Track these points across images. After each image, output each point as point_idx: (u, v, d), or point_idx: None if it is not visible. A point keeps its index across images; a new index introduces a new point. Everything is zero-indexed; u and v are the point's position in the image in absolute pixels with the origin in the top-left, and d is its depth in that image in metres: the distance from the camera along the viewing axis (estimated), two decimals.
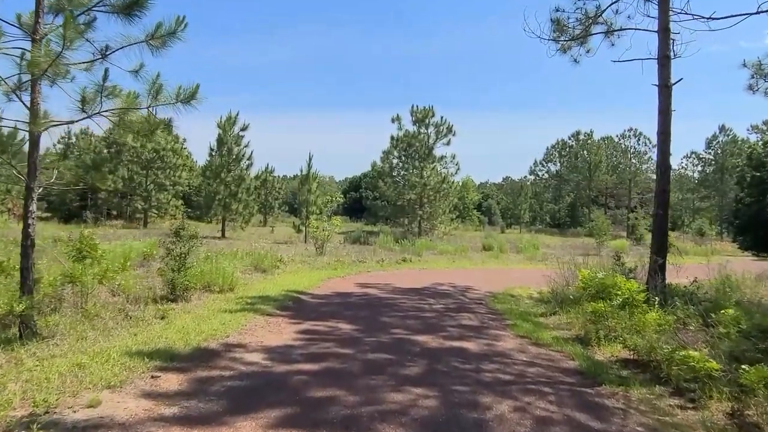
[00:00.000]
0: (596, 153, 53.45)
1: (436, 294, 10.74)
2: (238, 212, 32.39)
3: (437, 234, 34.58)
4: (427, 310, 8.80)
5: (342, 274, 13.52)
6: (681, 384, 4.99)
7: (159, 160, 39.49)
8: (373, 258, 17.75)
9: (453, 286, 12.19)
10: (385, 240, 25.99)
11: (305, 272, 13.36)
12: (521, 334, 7.19)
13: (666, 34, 9.62)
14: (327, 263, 15.53)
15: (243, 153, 32.79)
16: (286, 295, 9.42)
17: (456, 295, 10.80)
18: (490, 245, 27.46)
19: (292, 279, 11.76)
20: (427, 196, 34.96)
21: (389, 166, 37.52)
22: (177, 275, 7.81)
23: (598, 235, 30.53)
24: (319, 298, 9.57)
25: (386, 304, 9.20)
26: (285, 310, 8.09)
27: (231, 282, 9.33)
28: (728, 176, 56.52)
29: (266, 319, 7.28)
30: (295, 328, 6.85)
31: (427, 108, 36.47)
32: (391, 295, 10.31)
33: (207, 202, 32.60)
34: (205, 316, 7.12)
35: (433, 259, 19.78)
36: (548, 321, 8.40)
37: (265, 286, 10.26)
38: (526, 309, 9.47)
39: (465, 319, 8.14)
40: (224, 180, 31.75)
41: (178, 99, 5.62)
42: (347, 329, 6.95)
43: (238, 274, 11.07)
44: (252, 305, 8.11)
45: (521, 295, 11.13)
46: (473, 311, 8.91)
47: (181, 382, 4.35)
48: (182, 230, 8.08)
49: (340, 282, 12.01)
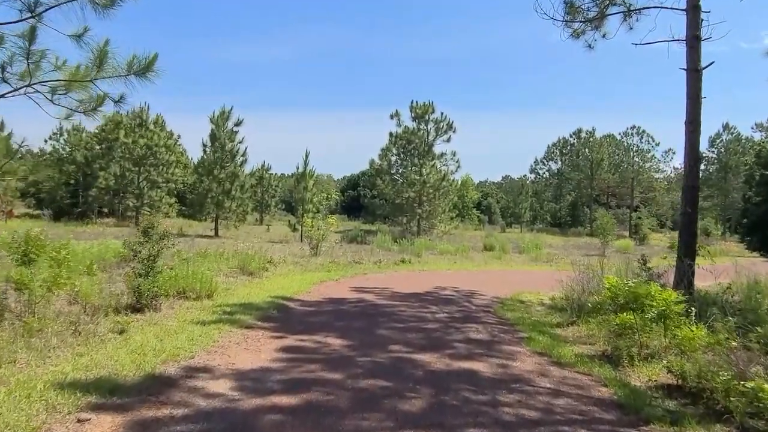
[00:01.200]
0: (598, 151, 52.45)
1: (439, 300, 9.76)
2: (232, 210, 31.41)
3: (436, 233, 33.62)
4: (429, 320, 7.82)
5: (336, 276, 12.53)
6: (746, 422, 4.02)
7: (152, 156, 38.38)
8: (371, 259, 16.77)
9: (456, 290, 11.21)
10: (383, 239, 25.00)
11: (296, 275, 12.37)
12: (539, 351, 6.21)
13: (696, 12, 8.65)
14: (321, 264, 14.55)
15: (237, 149, 31.78)
16: (272, 302, 8.43)
17: (460, 301, 9.82)
18: (491, 245, 26.50)
19: (281, 283, 10.77)
20: (426, 194, 33.97)
21: (388, 163, 36.51)
22: (144, 281, 6.82)
23: (602, 235, 29.54)
24: (309, 305, 8.58)
25: (383, 312, 8.22)
26: (268, 320, 7.09)
27: (210, 287, 8.33)
28: (731, 175, 55.66)
29: (244, 332, 6.29)
30: (276, 344, 5.86)
31: (427, 103, 35.48)
32: (389, 301, 9.33)
33: (199, 199, 31.58)
34: (173, 329, 6.12)
35: (433, 259, 18.81)
36: (566, 333, 7.43)
37: (249, 292, 9.27)
38: (540, 318, 8.50)
39: (473, 331, 7.16)
40: (217, 177, 30.74)
41: (130, 71, 4.61)
42: (337, 345, 5.97)
43: (220, 278, 10.09)
44: (230, 315, 7.12)
45: (531, 302, 10.16)
46: (481, 321, 7.93)
47: (115, 428, 3.36)
48: (151, 229, 7.09)
49: (333, 286, 11.02)
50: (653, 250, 33.06)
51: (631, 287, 6.10)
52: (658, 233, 46.43)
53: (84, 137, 42.75)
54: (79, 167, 40.90)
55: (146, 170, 38.52)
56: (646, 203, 53.91)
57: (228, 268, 11.41)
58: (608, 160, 53.51)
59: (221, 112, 31.47)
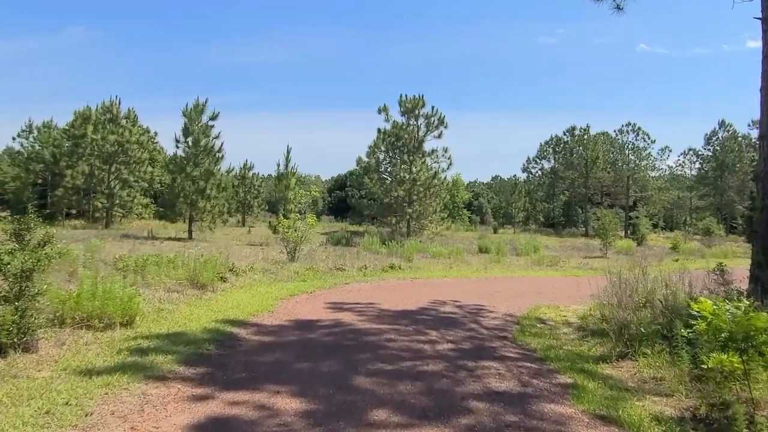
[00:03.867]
0: (593, 149, 50.70)
1: (439, 321, 7.61)
2: (207, 211, 28.97)
3: (427, 234, 31.55)
4: (428, 355, 5.67)
5: (311, 288, 10.33)
6: None
7: (123, 153, 35.85)
8: (355, 264, 14.60)
9: (458, 305, 9.08)
10: (370, 241, 22.86)
11: (262, 286, 10.16)
12: (598, 413, 4.08)
13: None
14: (296, 272, 12.33)
15: (212, 145, 29.39)
16: (215, 330, 6.22)
17: (466, 322, 7.68)
18: (486, 247, 24.49)
19: (239, 299, 8.55)
20: (416, 193, 31.87)
21: (376, 161, 34.36)
22: (7, 308, 4.58)
23: (604, 235, 27.62)
24: (266, 333, 6.38)
25: (366, 343, 6.05)
26: (196, 364, 4.88)
27: (130, 311, 6.10)
28: (728, 173, 54.33)
29: (147, 391, 4.08)
30: (189, 415, 3.66)
31: (417, 97, 33.40)
32: (375, 324, 7.16)
33: (171, 199, 29.15)
34: (31, 389, 3.90)
35: (426, 264, 16.69)
36: (620, 373, 5.32)
37: (191, 314, 7.05)
38: (574, 347, 6.39)
39: (492, 375, 5.01)
40: (190, 174, 28.34)
41: None
42: (290, 415, 3.78)
43: (159, 295, 7.85)
44: (142, 356, 4.91)
45: (554, 320, 8.06)
46: (499, 355, 5.80)
47: None
48: (26, 231, 4.84)
49: (305, 302, 8.83)
50: (654, 251, 31.25)
51: (741, 317, 3.99)
52: (653, 233, 44.85)
53: (54, 134, 40.17)
54: (47, 166, 38.29)
55: (117, 168, 35.98)
56: (643, 203, 52.29)
57: (175, 280, 9.15)
58: (603, 158, 51.82)
59: (195, 104, 29.07)
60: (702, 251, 27.25)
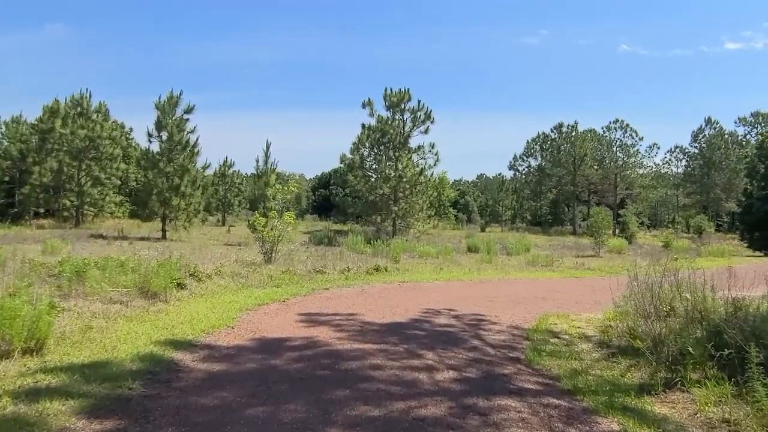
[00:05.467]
0: (581, 146, 49.88)
1: (434, 337, 6.31)
2: (181, 209, 27.32)
3: (413, 233, 30.28)
4: (425, 389, 4.36)
5: (285, 295, 8.97)
6: None
7: (93, 149, 33.96)
8: (338, 265, 13.26)
9: (455, 315, 7.80)
10: (354, 241, 21.53)
11: (228, 294, 8.77)
12: None
13: None
14: (270, 276, 10.93)
15: (187, 140, 27.75)
16: (151, 357, 4.85)
17: (466, 337, 6.40)
18: (475, 246, 23.32)
19: (194, 311, 7.16)
20: (402, 190, 30.59)
21: (360, 157, 32.96)
22: None
23: (597, 233, 26.63)
24: (217, 359, 5.02)
25: (345, 374, 4.73)
26: (106, 414, 3.51)
27: (38, 333, 4.70)
28: (714, 171, 54.02)
29: None
30: None
31: (403, 91, 32.05)
32: (357, 344, 5.83)
33: (143, 196, 27.46)
34: None
35: (414, 265, 15.40)
36: (678, 413, 4.07)
37: (127, 333, 5.65)
38: (603, 371, 5.15)
39: (513, 422, 3.72)
40: (163, 171, 26.69)
41: None
42: None
43: (94, 308, 6.43)
44: (33, 402, 3.53)
45: (569, 334, 6.83)
46: (516, 387, 4.52)
47: None
48: None
49: (276, 313, 7.48)
50: (646, 249, 30.38)
51: None
52: (640, 231, 44.22)
53: (22, 129, 38.02)
54: (15, 162, 36.18)
55: (88, 165, 34.09)
56: (631, 200, 51.69)
57: (122, 288, 7.72)
58: (591, 155, 51.08)
59: (169, 96, 27.44)
60: (698, 250, 26.42)
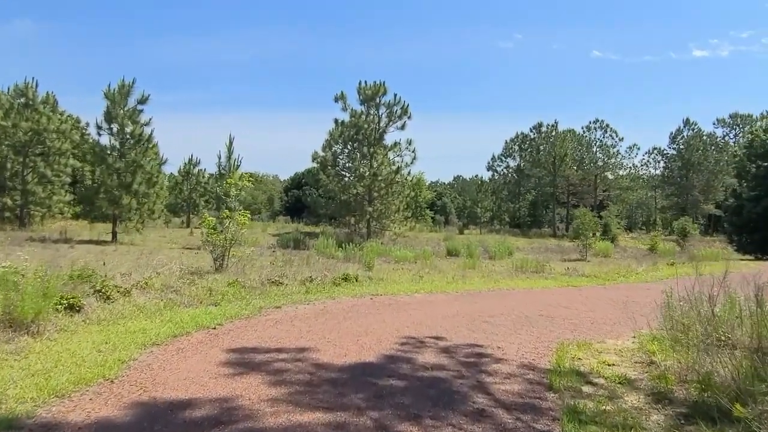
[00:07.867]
0: (561, 146, 48.69)
1: (418, 392, 4.25)
2: (133, 209, 24.71)
3: (389, 236, 28.29)
4: None
5: (219, 319, 6.80)
6: None
7: (39, 143, 30.94)
8: (300, 274, 11.12)
9: (444, 347, 5.77)
10: (324, 244, 19.44)
11: (139, 319, 6.56)
12: None
13: None
14: (209, 290, 8.72)
15: (140, 132, 25.15)
16: None
17: (465, 390, 4.36)
18: (455, 249, 21.48)
19: (71, 350, 4.96)
20: (377, 190, 28.57)
21: (333, 155, 30.83)
22: None
23: (584, 236, 25.06)
24: None
25: None
26: None
27: None
28: (693, 173, 53.55)
29: None
30: None
31: (378, 84, 30.06)
32: (297, 414, 3.73)
33: (88, 195, 24.72)
34: None
35: (390, 272, 13.35)
36: None
37: None
38: None
39: None
40: (113, 166, 24.05)
41: None
42: None
43: None
44: None
45: (602, 374, 4.87)
46: None
47: None
48: None
49: (195, 349, 5.33)
50: (631, 253, 29.07)
51: None
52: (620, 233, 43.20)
53: None
54: None
55: (33, 161, 31.07)
56: (612, 202, 50.71)
57: None
58: (571, 155, 49.96)
59: (120, 84, 24.80)
60: (690, 253, 25.05)
